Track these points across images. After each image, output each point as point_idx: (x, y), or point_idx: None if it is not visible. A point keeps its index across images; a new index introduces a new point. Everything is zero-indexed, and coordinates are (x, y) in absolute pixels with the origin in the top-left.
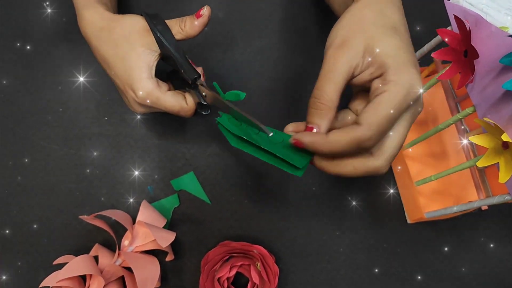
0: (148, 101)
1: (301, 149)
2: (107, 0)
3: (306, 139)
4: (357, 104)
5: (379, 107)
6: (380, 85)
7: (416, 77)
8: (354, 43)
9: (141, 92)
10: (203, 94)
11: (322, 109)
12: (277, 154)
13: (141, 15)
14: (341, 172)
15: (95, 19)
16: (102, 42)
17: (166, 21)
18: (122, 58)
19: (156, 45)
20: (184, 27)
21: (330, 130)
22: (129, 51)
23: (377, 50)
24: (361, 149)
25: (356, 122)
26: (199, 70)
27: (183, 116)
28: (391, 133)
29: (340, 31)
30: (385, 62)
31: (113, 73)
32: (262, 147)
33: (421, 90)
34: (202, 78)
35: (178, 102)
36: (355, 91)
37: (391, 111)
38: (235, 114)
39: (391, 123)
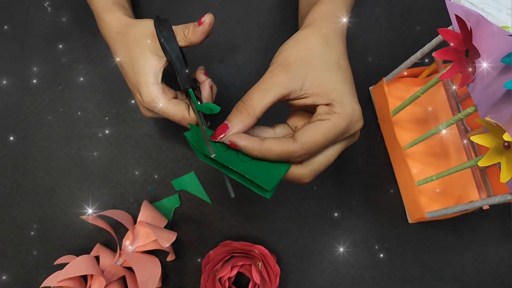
0: (151, 106)
1: (271, 168)
2: (126, 4)
3: (242, 142)
4: (296, 121)
5: (318, 131)
6: (325, 113)
7: (358, 113)
8: (295, 69)
9: (145, 97)
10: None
11: (242, 113)
12: (244, 174)
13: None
14: (264, 158)
15: (113, 24)
16: (118, 46)
17: (173, 27)
18: (132, 62)
19: None
20: (187, 34)
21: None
22: (138, 56)
23: (320, 82)
24: (290, 161)
25: (293, 137)
26: (207, 82)
27: (184, 126)
28: (322, 153)
29: (285, 52)
30: (329, 94)
31: (125, 75)
32: (228, 166)
33: (361, 124)
34: (207, 87)
35: (181, 111)
36: (293, 110)
37: (327, 138)
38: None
39: (324, 147)
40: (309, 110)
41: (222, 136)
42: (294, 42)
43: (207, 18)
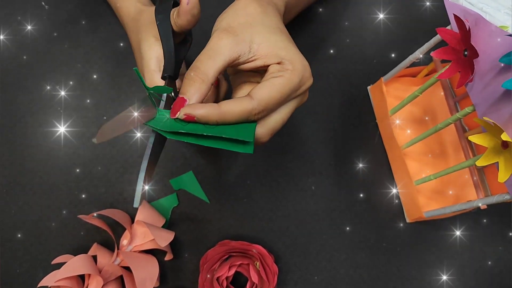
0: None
1: (240, 127)
2: None
3: (199, 111)
4: (244, 91)
5: (273, 87)
6: (277, 71)
7: (308, 69)
8: (240, 32)
9: (147, 83)
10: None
11: (195, 81)
12: (221, 135)
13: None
14: (225, 121)
15: (130, 11)
16: (131, 31)
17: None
18: (139, 46)
19: None
20: (175, 18)
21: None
22: (144, 41)
23: (268, 44)
24: (249, 120)
25: (249, 95)
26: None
27: None
28: (276, 111)
29: (226, 20)
30: (278, 53)
31: (136, 61)
32: (200, 133)
33: (311, 82)
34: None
35: None
36: (238, 82)
37: (283, 94)
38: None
39: (280, 103)
40: (256, 78)
41: (181, 110)
42: (234, 11)
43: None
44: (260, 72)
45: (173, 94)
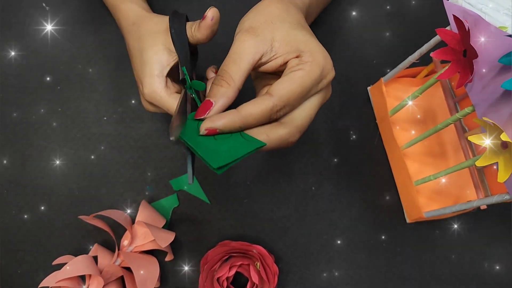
0: (151, 98)
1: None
2: (144, 0)
3: (219, 123)
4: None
5: (293, 80)
6: (296, 64)
7: (329, 61)
8: (261, 32)
9: (146, 89)
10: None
11: (222, 86)
12: (197, 151)
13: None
14: (248, 125)
15: (130, 14)
16: (131, 36)
17: (187, 23)
18: (141, 51)
19: None
20: (193, 30)
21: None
22: (149, 47)
23: (288, 39)
24: (272, 120)
25: (267, 93)
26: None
27: None
28: (300, 107)
29: (248, 22)
30: (298, 47)
31: (133, 67)
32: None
33: (333, 74)
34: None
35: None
36: (260, 87)
37: (304, 87)
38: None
39: (301, 97)
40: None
41: (208, 112)
42: (256, 12)
43: (209, 12)
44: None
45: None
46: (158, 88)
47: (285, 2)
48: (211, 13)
